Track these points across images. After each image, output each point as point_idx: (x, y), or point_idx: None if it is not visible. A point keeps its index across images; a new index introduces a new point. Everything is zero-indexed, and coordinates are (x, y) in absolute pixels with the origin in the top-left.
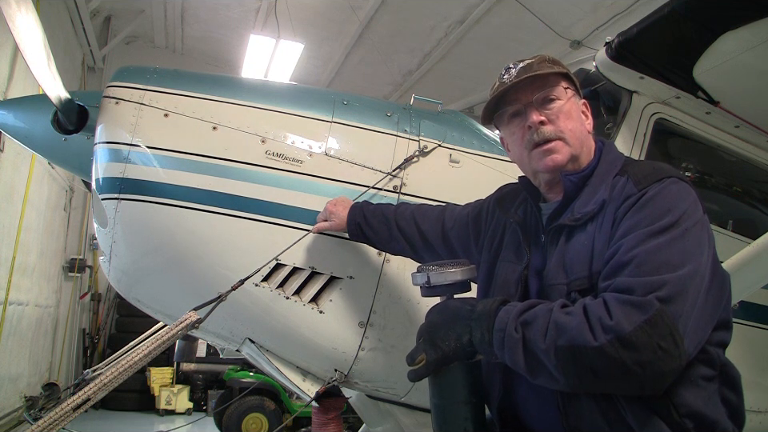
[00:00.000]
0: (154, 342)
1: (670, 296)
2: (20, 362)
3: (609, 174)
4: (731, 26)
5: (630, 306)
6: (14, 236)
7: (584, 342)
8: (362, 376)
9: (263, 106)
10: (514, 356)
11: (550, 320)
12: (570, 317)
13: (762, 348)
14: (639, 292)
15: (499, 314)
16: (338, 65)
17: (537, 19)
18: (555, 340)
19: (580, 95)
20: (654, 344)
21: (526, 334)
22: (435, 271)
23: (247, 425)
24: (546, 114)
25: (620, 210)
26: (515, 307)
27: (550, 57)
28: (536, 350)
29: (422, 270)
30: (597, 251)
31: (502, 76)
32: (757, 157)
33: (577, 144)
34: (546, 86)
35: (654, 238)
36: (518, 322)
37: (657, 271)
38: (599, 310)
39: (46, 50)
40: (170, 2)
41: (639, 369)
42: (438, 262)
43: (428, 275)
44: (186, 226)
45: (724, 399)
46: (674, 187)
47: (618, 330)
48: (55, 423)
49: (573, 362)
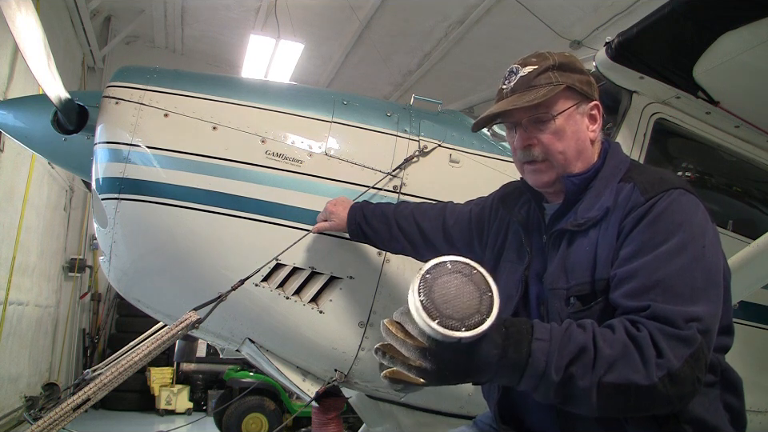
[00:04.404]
0: (154, 342)
1: (708, 329)
2: (20, 362)
3: (613, 178)
4: (731, 26)
5: (675, 340)
6: (13, 236)
7: (637, 380)
8: (362, 376)
9: (263, 106)
10: (544, 394)
11: (596, 354)
12: (613, 348)
13: (761, 348)
14: (680, 323)
15: (535, 353)
16: (338, 65)
17: (537, 19)
18: (602, 376)
19: (590, 97)
20: (694, 377)
21: (568, 372)
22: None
23: (247, 425)
24: (536, 136)
25: (627, 220)
26: (553, 343)
27: (558, 62)
28: (575, 388)
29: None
30: (600, 258)
31: (503, 81)
32: (757, 157)
33: (566, 163)
34: (538, 108)
35: (676, 257)
36: (562, 363)
37: (690, 299)
38: (647, 342)
39: (46, 50)
40: (169, 2)
41: (679, 402)
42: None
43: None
44: (186, 226)
45: (726, 405)
46: (683, 199)
47: (669, 367)
48: (55, 423)
49: (617, 397)
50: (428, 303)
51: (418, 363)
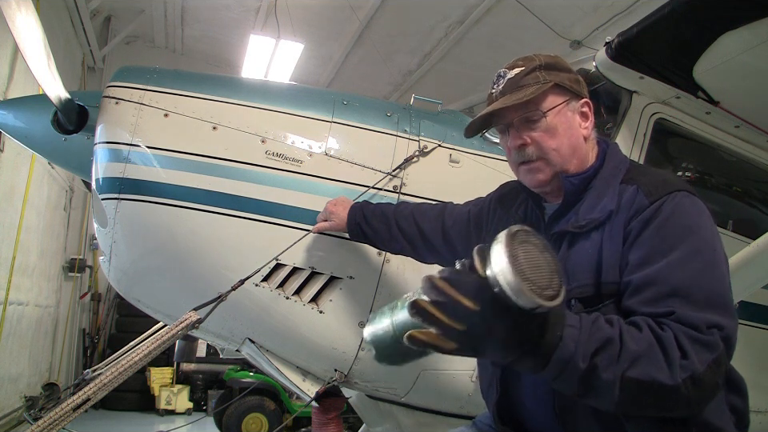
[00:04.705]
0: (154, 342)
1: (729, 336)
2: (20, 362)
3: (614, 179)
4: (731, 26)
5: (699, 344)
6: (13, 236)
7: (661, 379)
8: (362, 376)
9: (263, 106)
10: (567, 382)
11: (622, 347)
12: (638, 345)
13: (761, 348)
14: (702, 329)
15: (565, 339)
16: (338, 65)
17: (537, 19)
18: (625, 370)
19: (579, 95)
20: (715, 383)
21: (593, 362)
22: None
23: (247, 425)
24: (529, 134)
25: (633, 223)
26: (583, 331)
27: (544, 62)
28: (598, 380)
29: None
30: (606, 262)
31: (492, 85)
32: (757, 157)
33: (561, 161)
34: (528, 107)
35: (690, 262)
36: (588, 351)
37: (709, 306)
38: (671, 343)
39: (46, 50)
40: (169, 2)
41: (697, 406)
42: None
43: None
44: (186, 226)
45: (731, 406)
46: (688, 202)
47: (693, 370)
48: (55, 423)
49: (639, 393)
50: (518, 266)
51: (460, 326)
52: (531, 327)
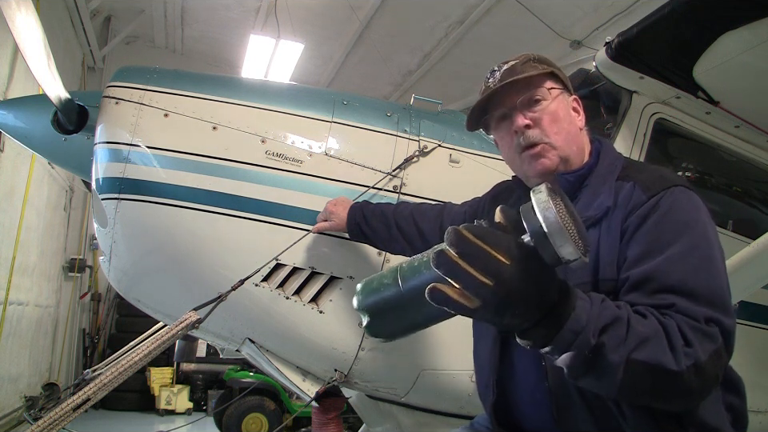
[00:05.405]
0: (154, 342)
1: (728, 330)
2: (20, 362)
3: (610, 176)
4: (731, 26)
5: (701, 334)
6: (14, 236)
7: (666, 364)
8: (362, 376)
9: (263, 106)
10: (574, 357)
11: (629, 328)
12: (645, 328)
13: (761, 348)
14: (702, 321)
15: (578, 309)
16: (338, 65)
17: (537, 19)
18: (631, 351)
19: (570, 91)
20: (716, 374)
21: (601, 340)
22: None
23: (247, 425)
24: (532, 117)
25: (630, 219)
26: (594, 306)
27: (536, 55)
28: (603, 359)
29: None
30: (604, 258)
31: (487, 80)
32: (757, 157)
33: (565, 145)
34: (530, 88)
35: (689, 257)
36: (598, 326)
37: (707, 301)
38: (674, 330)
39: (46, 50)
40: (169, 2)
41: (699, 396)
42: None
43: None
44: (186, 226)
45: (728, 405)
46: (684, 196)
47: (696, 358)
48: (55, 423)
49: (643, 377)
50: (562, 214)
51: (489, 280)
52: (553, 289)
